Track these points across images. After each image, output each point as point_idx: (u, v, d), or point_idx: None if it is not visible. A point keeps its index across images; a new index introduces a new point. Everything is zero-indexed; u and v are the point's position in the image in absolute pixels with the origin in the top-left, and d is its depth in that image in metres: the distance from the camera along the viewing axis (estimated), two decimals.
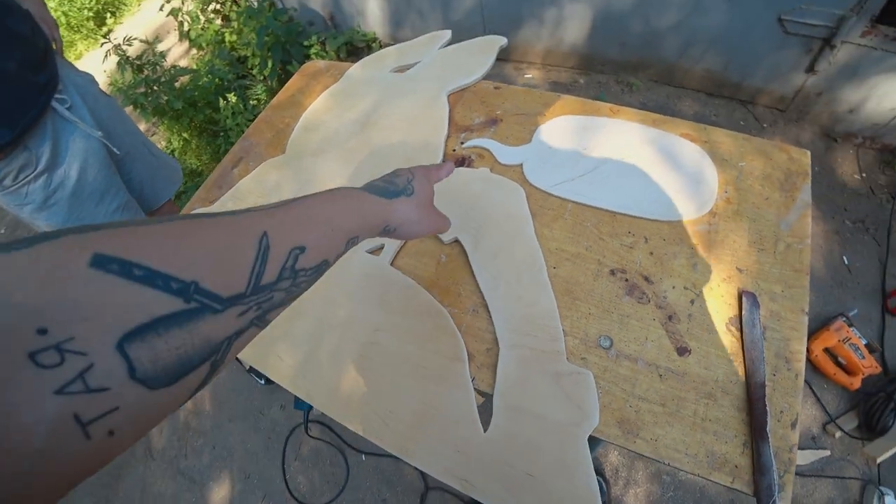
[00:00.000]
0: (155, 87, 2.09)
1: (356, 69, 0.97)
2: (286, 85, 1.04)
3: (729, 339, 0.55)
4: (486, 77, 0.87)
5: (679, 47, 1.76)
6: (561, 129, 0.75)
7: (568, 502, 0.50)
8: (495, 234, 0.65)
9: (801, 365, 0.53)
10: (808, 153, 0.69)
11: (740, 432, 0.51)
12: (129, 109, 2.25)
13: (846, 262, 1.49)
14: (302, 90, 1.01)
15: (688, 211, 0.65)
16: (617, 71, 1.96)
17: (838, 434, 1.26)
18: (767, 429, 0.49)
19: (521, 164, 0.72)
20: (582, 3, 1.78)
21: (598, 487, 0.50)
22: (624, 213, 0.66)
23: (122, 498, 1.71)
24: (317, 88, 0.99)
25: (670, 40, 1.76)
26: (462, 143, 0.78)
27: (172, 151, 2.37)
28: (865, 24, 1.41)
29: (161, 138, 2.55)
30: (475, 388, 0.57)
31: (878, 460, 1.19)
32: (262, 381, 1.68)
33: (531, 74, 2.11)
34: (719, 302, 0.58)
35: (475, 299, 0.63)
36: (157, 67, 2.16)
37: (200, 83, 2.26)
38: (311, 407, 1.51)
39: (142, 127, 2.79)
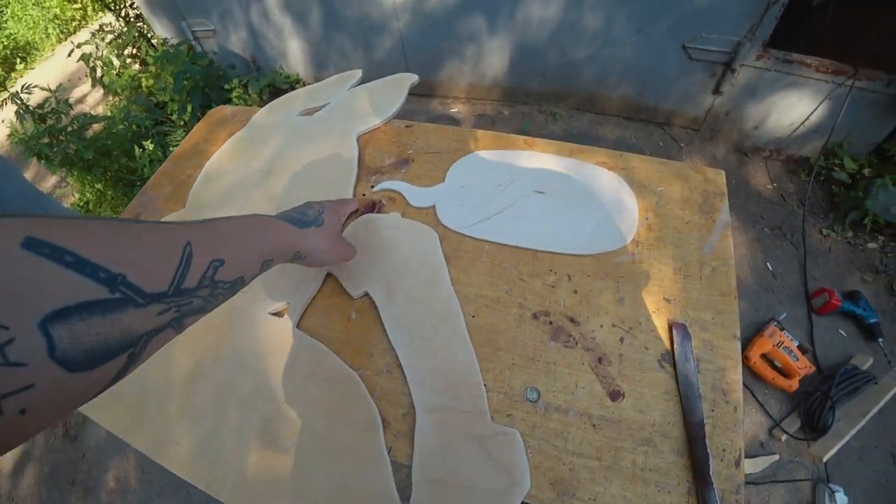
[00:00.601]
0: (61, 137, 1.92)
1: (262, 114, 0.91)
2: (189, 133, 0.96)
3: (663, 377, 0.52)
4: (406, 115, 0.83)
5: (596, 77, 1.84)
6: (474, 165, 0.72)
7: None
8: (408, 284, 0.60)
9: (739, 395, 0.50)
10: (723, 173, 0.69)
11: (683, 479, 0.47)
12: (32, 161, 2.06)
13: (770, 267, 1.56)
14: (206, 139, 0.94)
15: (610, 242, 0.63)
16: (539, 101, 2.02)
17: (784, 437, 1.28)
18: (711, 473, 0.45)
19: (435, 206, 0.68)
20: (499, 38, 1.83)
21: None
22: (544, 250, 0.62)
23: None
24: (221, 136, 0.92)
25: (587, 70, 1.83)
26: (372, 186, 0.73)
27: (86, 204, 2.19)
28: (758, 48, 1.53)
29: (73, 191, 2.35)
30: (392, 460, 0.51)
31: (824, 459, 1.22)
32: None
33: (457, 108, 2.14)
34: (649, 337, 0.55)
35: (389, 359, 0.56)
36: (62, 116, 2.00)
37: (115, 131, 2.11)
38: None
39: (50, 180, 2.58)
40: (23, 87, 1.92)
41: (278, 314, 0.63)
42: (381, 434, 0.51)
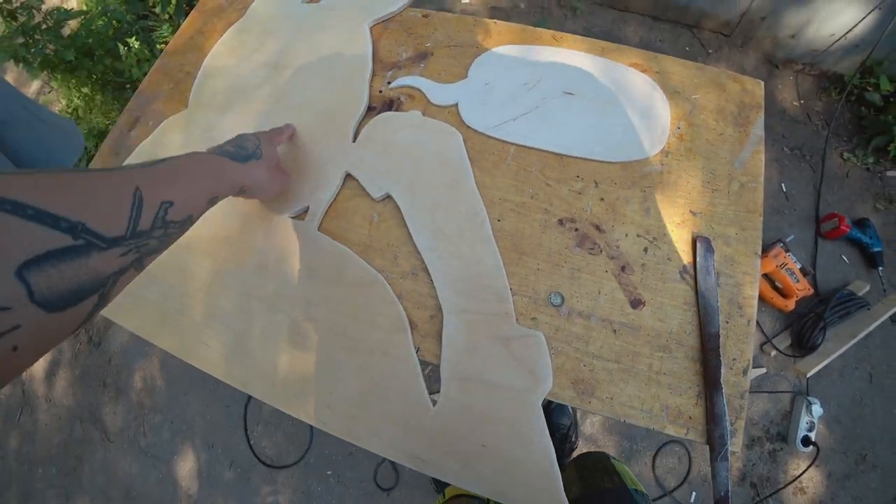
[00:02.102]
0: (36, 36, 1.76)
1: (262, 1, 0.82)
2: (182, 25, 0.88)
3: (683, 288, 0.53)
4: (415, 4, 0.75)
5: None
6: (499, 61, 0.66)
7: (525, 470, 0.47)
8: (432, 186, 0.58)
9: (753, 311, 0.51)
10: (762, 84, 0.65)
11: (694, 383, 0.49)
12: (9, 65, 1.91)
13: (784, 189, 1.54)
14: (201, 31, 0.85)
15: (639, 150, 0.60)
16: None
17: (773, 353, 1.34)
18: (721, 379, 0.47)
19: (457, 104, 0.64)
20: None
21: (554, 453, 0.47)
22: (571, 155, 0.60)
23: (87, 485, 1.67)
24: (218, 27, 0.84)
25: None
26: (389, 83, 0.67)
27: (75, 110, 2.08)
28: None
29: (59, 96, 2.22)
30: (420, 359, 0.53)
31: (808, 375, 1.29)
32: None
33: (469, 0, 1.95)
34: (673, 249, 0.54)
35: (414, 261, 0.56)
36: (34, 12, 1.81)
37: (93, 27, 1.92)
38: None
39: (32, 85, 2.43)
40: None
41: (298, 218, 0.62)
42: (408, 335, 0.53)
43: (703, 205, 0.57)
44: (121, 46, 1.81)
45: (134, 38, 1.83)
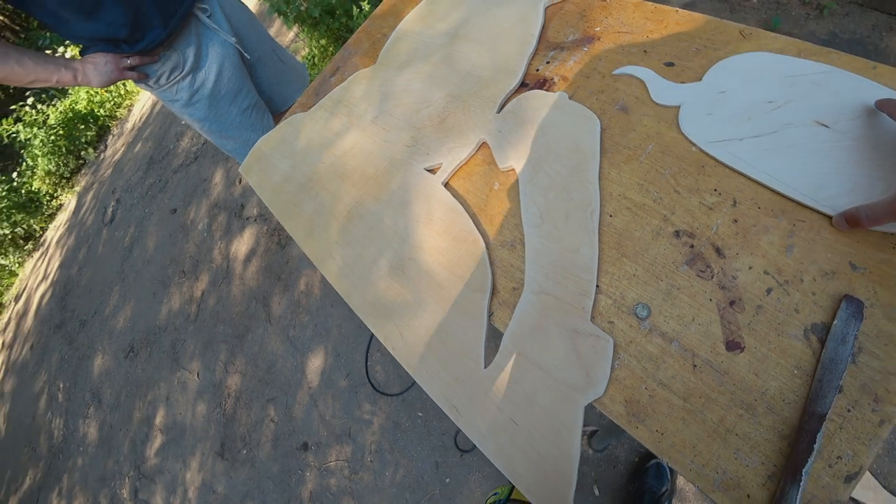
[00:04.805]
0: None
1: None
2: None
3: (801, 349, 0.44)
4: None
5: None
6: (748, 68, 0.56)
7: (545, 462, 0.48)
8: (553, 166, 0.58)
9: (895, 411, 0.40)
10: None
11: (770, 462, 0.41)
12: (274, 17, 2.41)
13: None
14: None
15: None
16: None
17: None
18: (804, 469, 0.39)
19: (679, 107, 0.57)
20: None
21: (578, 456, 0.46)
22: (792, 199, 0.49)
23: (246, 350, 2.14)
24: None
25: None
26: (548, 62, 0.68)
27: (312, 58, 2.54)
28: None
29: (304, 46, 2.73)
30: (490, 325, 0.56)
31: None
32: None
33: None
34: (807, 300, 0.45)
35: (515, 234, 0.59)
36: None
37: None
38: None
39: (289, 35, 3.02)
40: None
41: (432, 170, 0.69)
42: (487, 298, 0.56)
43: (871, 260, 0.45)
44: (354, 8, 2.13)
45: (366, 1, 2.12)
